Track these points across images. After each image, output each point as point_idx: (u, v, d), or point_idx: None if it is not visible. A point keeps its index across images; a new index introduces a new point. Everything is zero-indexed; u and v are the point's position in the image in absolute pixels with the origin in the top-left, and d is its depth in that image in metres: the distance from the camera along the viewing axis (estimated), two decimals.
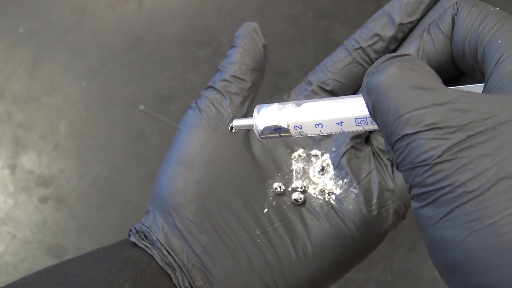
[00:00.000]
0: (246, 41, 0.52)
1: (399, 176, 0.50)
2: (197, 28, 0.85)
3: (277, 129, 0.41)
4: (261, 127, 0.42)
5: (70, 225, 0.77)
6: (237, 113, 0.51)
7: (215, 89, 0.52)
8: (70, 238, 0.76)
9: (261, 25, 0.53)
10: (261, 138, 0.42)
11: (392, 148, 0.34)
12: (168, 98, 0.82)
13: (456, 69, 0.38)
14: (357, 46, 0.51)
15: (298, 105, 0.41)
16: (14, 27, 0.85)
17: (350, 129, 0.40)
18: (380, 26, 0.50)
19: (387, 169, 0.50)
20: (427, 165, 0.31)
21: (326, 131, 0.40)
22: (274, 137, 0.42)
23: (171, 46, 0.84)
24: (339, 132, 0.40)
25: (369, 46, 0.50)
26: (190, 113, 0.52)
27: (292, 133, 0.41)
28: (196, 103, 0.52)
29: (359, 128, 0.39)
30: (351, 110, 0.39)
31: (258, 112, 0.42)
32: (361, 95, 0.38)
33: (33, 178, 0.78)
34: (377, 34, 0.50)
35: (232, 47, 0.53)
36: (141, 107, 0.81)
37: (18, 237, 0.76)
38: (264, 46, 0.53)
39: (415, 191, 0.32)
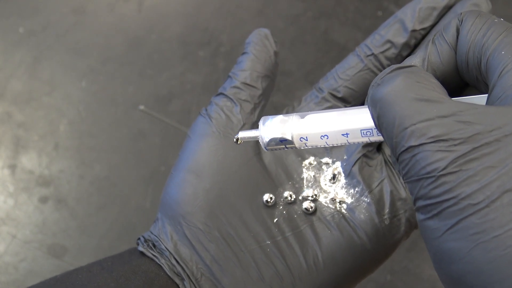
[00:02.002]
0: (258, 48, 0.52)
1: None
2: (197, 28, 0.85)
3: (283, 141, 0.41)
4: (266, 139, 0.42)
5: (70, 225, 0.77)
6: (247, 120, 0.51)
7: (226, 96, 0.51)
8: (70, 238, 0.76)
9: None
10: (267, 149, 0.42)
11: (397, 160, 0.34)
12: (168, 98, 0.82)
13: (461, 79, 0.38)
14: (369, 53, 0.50)
15: (302, 117, 0.41)
16: (14, 27, 0.85)
17: (356, 140, 0.40)
18: (392, 32, 0.49)
19: (399, 178, 0.50)
20: (432, 177, 0.31)
21: (331, 142, 0.40)
22: (280, 148, 0.42)
23: (171, 46, 0.84)
24: (345, 144, 0.40)
25: (381, 52, 0.50)
26: (200, 120, 0.51)
27: (297, 145, 0.41)
28: (206, 110, 0.52)
29: (365, 139, 0.39)
30: (357, 121, 0.39)
31: (263, 124, 0.42)
32: (366, 106, 0.38)
33: (33, 178, 0.78)
34: (389, 41, 0.49)
35: (243, 53, 0.52)
36: (141, 107, 0.81)
37: (18, 237, 0.76)
38: (275, 53, 0.53)
39: (420, 203, 0.32)
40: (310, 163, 0.52)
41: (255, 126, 0.51)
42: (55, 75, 0.83)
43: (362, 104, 0.52)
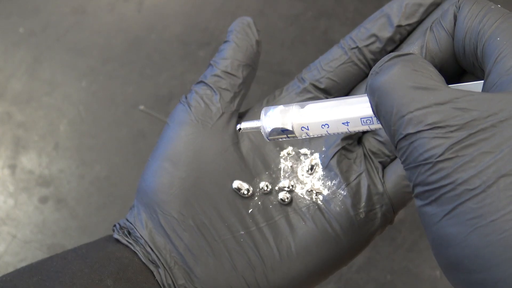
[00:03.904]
0: (239, 36, 0.52)
1: (389, 180, 0.50)
2: (197, 28, 0.85)
3: (284, 131, 0.42)
4: (268, 129, 0.42)
5: (70, 225, 0.77)
6: (226, 109, 0.51)
7: (206, 84, 0.51)
8: (70, 238, 0.76)
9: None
10: (269, 139, 0.43)
11: (396, 147, 0.34)
12: (168, 98, 0.82)
13: (459, 66, 0.39)
14: (353, 46, 0.50)
15: (302, 107, 0.41)
16: (14, 27, 0.85)
17: (356, 129, 0.40)
18: (378, 26, 0.49)
19: (377, 173, 0.50)
20: (429, 163, 0.32)
21: (332, 131, 0.41)
22: (281, 138, 0.42)
23: (171, 46, 0.85)
24: (346, 132, 0.40)
25: (366, 46, 0.49)
26: (179, 107, 0.51)
27: (297, 134, 0.42)
28: (186, 97, 0.52)
29: (365, 128, 0.40)
30: (357, 109, 0.39)
31: (265, 114, 0.43)
32: (366, 94, 0.38)
33: (33, 178, 0.78)
34: (374, 35, 0.49)
35: (225, 42, 0.52)
36: (141, 107, 0.81)
37: (18, 237, 0.76)
38: (257, 42, 0.52)
39: (418, 189, 0.33)
40: (288, 153, 0.52)
41: (234, 115, 0.51)
42: (55, 75, 0.83)
43: (345, 96, 0.52)
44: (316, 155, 0.52)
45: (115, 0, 0.87)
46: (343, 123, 0.40)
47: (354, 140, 0.51)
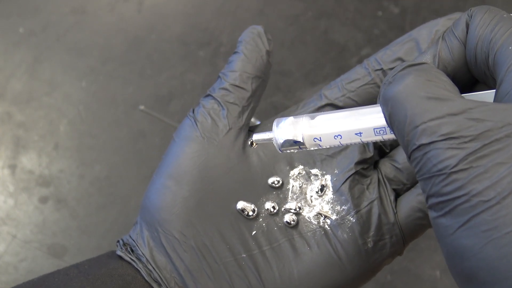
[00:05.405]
0: (249, 47, 0.50)
1: (402, 211, 0.48)
2: (197, 28, 0.85)
3: (297, 142, 0.41)
4: (281, 141, 0.41)
5: (70, 225, 0.77)
6: (234, 125, 0.49)
7: (213, 98, 0.50)
8: (70, 238, 0.76)
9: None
10: (281, 151, 0.42)
11: (409, 158, 0.34)
12: (168, 98, 0.82)
13: (472, 75, 0.38)
14: (377, 67, 0.48)
15: (312, 118, 0.41)
16: (14, 27, 0.85)
17: (369, 139, 0.39)
18: (405, 50, 0.48)
19: (391, 201, 0.48)
20: (443, 174, 0.31)
21: (345, 141, 0.40)
22: (294, 149, 0.42)
23: (171, 46, 0.84)
24: (359, 143, 0.40)
25: (391, 69, 0.48)
26: (186, 122, 0.50)
27: (308, 146, 0.41)
28: (193, 111, 0.50)
29: (378, 138, 0.39)
30: (370, 120, 0.39)
31: (277, 126, 0.42)
32: (378, 105, 0.37)
33: (33, 178, 0.78)
34: (400, 58, 0.48)
35: (235, 53, 0.51)
36: (141, 107, 0.81)
37: (18, 237, 0.76)
38: (268, 52, 0.51)
39: (433, 200, 0.32)
40: (299, 173, 0.50)
41: (242, 130, 0.50)
42: (55, 75, 0.83)
43: None
44: (328, 177, 0.50)
45: (115, 0, 0.86)
46: (356, 134, 0.39)
47: (370, 164, 0.50)
